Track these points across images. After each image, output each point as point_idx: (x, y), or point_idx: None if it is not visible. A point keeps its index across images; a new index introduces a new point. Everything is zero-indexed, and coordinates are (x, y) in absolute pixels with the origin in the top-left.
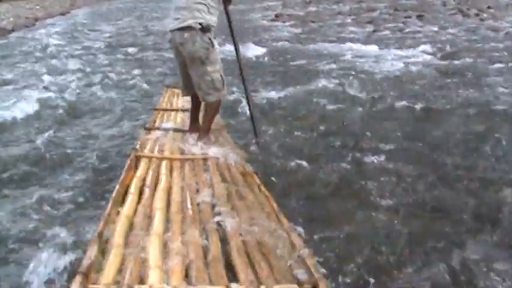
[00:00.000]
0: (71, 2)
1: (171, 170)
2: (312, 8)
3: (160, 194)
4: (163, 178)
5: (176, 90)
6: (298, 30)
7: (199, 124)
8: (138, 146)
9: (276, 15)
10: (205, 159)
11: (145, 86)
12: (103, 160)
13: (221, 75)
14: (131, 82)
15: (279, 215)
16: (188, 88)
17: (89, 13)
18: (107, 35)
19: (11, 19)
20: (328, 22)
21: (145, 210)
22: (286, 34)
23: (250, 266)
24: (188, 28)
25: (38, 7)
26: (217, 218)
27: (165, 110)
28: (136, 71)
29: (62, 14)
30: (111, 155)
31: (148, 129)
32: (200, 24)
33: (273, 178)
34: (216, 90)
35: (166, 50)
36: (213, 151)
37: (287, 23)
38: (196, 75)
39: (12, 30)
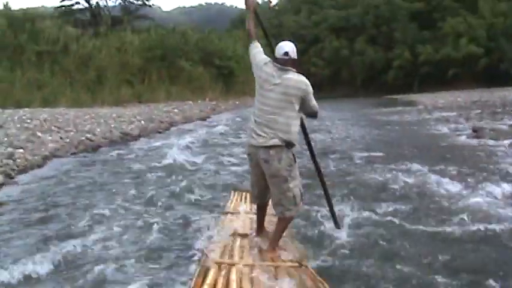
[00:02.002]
0: (212, 107)
1: (241, 277)
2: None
3: None
4: (233, 286)
5: (244, 193)
6: None
7: (265, 229)
8: (206, 252)
9: (475, 130)
10: (276, 267)
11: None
12: (171, 265)
13: (300, 190)
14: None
15: None
16: (260, 198)
17: (229, 119)
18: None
19: (142, 122)
20: None
21: None
22: None
23: None
24: (274, 146)
25: (176, 110)
26: None
27: (233, 213)
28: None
29: (202, 118)
30: (180, 259)
31: (217, 234)
32: (285, 141)
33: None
34: (296, 205)
35: None
36: (283, 258)
37: (504, 142)
38: (278, 191)
39: (139, 136)
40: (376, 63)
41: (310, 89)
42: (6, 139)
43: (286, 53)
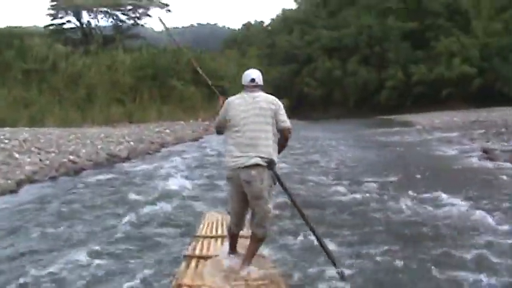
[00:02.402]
0: (204, 127)
1: None
2: None
3: None
4: None
5: (216, 215)
6: None
7: (237, 252)
8: (178, 275)
9: (485, 151)
10: (248, 285)
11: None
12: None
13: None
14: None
15: None
16: (239, 226)
17: (222, 140)
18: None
19: (131, 143)
20: None
21: None
22: None
23: None
24: (256, 166)
25: (167, 131)
26: None
27: (205, 237)
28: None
29: (194, 139)
30: (151, 283)
31: (189, 257)
32: (266, 160)
33: None
34: (271, 225)
35: None
36: (256, 278)
37: None
38: (261, 213)
39: (128, 158)
40: (369, 84)
41: (280, 104)
42: None
43: (252, 80)
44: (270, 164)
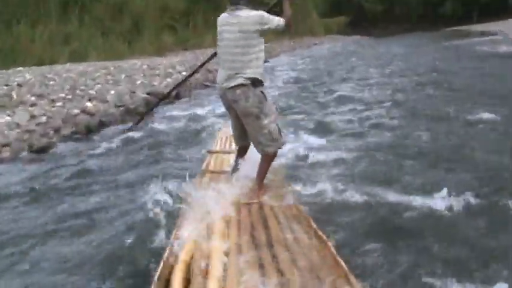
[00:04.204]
0: (267, 50)
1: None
2: None
3: (217, 238)
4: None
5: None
6: None
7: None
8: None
9: None
10: (261, 205)
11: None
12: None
13: (277, 125)
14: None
15: (337, 258)
16: (240, 140)
17: (290, 62)
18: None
19: (183, 74)
20: None
21: (203, 255)
22: None
23: None
24: (240, 85)
25: None
26: (274, 265)
27: (220, 152)
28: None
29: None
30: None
31: (203, 172)
32: (250, 79)
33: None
34: (275, 141)
35: None
36: (269, 196)
37: None
38: (252, 129)
39: (176, 97)
40: None
41: (263, 14)
42: None
43: None
44: (255, 82)
